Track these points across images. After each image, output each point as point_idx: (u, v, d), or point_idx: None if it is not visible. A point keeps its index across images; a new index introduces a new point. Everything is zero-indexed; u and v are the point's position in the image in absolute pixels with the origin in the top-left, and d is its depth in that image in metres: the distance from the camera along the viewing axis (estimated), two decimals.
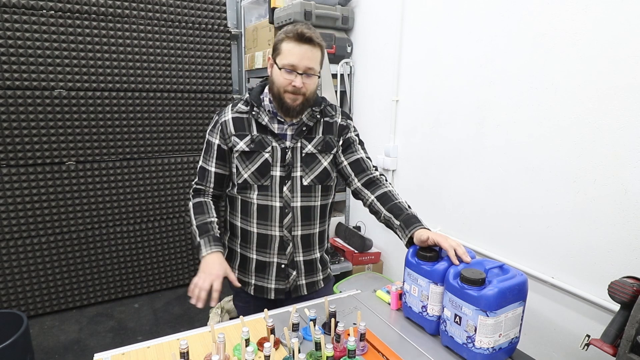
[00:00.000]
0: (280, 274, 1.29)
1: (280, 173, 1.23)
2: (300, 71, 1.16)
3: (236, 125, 1.25)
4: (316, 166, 1.27)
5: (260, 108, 1.24)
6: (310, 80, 1.19)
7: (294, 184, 1.25)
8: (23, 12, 2.26)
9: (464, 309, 0.92)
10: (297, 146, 1.25)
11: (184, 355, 0.84)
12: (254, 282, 1.32)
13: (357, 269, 2.61)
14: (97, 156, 2.59)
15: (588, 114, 1.42)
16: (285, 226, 1.26)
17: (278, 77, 1.18)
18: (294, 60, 1.15)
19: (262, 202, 1.24)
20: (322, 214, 1.32)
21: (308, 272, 1.33)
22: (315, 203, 1.29)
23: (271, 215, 1.25)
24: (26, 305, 2.53)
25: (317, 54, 1.19)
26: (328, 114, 1.32)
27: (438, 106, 2.08)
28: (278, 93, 1.19)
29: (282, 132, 1.25)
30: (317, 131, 1.28)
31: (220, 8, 2.81)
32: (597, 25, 1.37)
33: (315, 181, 1.27)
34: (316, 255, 1.34)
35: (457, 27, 1.93)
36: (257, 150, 1.23)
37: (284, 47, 1.17)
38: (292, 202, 1.25)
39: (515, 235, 1.72)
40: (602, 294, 1.38)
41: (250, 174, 1.23)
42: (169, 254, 2.95)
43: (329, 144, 1.29)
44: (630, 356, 0.85)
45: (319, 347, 0.89)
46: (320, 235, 1.34)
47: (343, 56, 2.69)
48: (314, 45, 1.16)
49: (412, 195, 2.33)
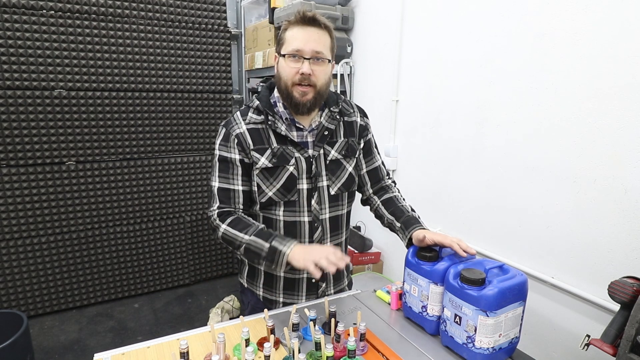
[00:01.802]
0: (311, 289, 1.23)
1: (307, 185, 1.13)
2: (307, 56, 1.04)
3: (254, 138, 1.11)
4: (342, 173, 1.18)
5: (275, 116, 1.12)
6: (319, 67, 1.06)
7: (321, 195, 1.15)
8: (23, 12, 2.26)
9: (464, 309, 0.92)
10: (321, 153, 1.14)
11: (184, 355, 0.84)
12: (282, 299, 1.22)
13: (357, 269, 2.61)
14: (97, 156, 2.59)
15: (588, 114, 1.42)
16: (315, 241, 1.17)
17: (283, 68, 1.07)
18: (299, 45, 1.03)
19: (289, 218, 1.14)
20: (348, 221, 1.27)
21: (336, 281, 1.28)
22: (342, 211, 1.22)
23: (300, 231, 1.15)
24: (26, 305, 2.53)
25: (324, 38, 1.07)
26: (346, 112, 1.21)
27: (438, 106, 2.08)
28: (285, 87, 1.08)
29: (303, 140, 1.14)
30: (339, 134, 1.18)
31: (220, 8, 2.82)
32: (597, 25, 1.37)
33: (343, 189, 1.18)
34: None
35: (457, 27, 1.93)
36: (280, 165, 1.11)
37: (287, 34, 1.06)
38: (320, 215, 1.16)
39: (515, 235, 1.72)
40: (602, 294, 1.38)
41: (276, 192, 1.12)
42: (169, 254, 2.95)
43: (352, 147, 1.20)
44: (630, 356, 0.85)
45: (319, 347, 0.89)
46: (346, 242, 1.29)
47: (343, 56, 2.69)
48: (320, 27, 1.05)
49: (412, 195, 2.33)
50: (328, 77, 1.11)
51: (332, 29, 1.11)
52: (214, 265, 3.16)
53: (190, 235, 3.00)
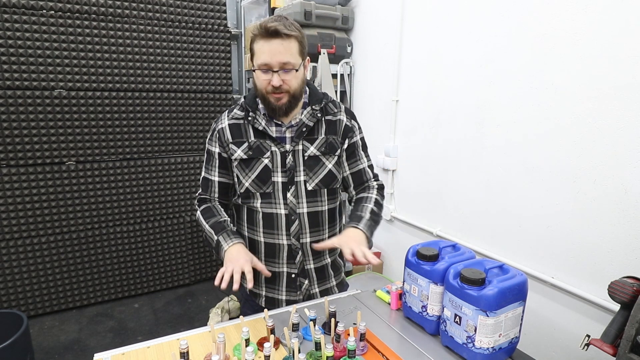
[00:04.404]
0: (291, 284, 1.25)
1: (282, 179, 1.18)
2: (275, 68, 1.08)
3: (233, 132, 1.20)
4: (320, 169, 1.21)
5: (256, 112, 1.19)
6: (289, 75, 1.11)
7: (298, 189, 1.19)
8: (23, 12, 2.26)
9: (464, 309, 0.92)
10: (299, 149, 1.19)
11: (184, 355, 0.84)
12: (265, 293, 1.27)
13: (357, 269, 2.61)
14: (97, 156, 2.59)
15: (588, 114, 1.42)
16: (292, 234, 1.20)
17: (258, 79, 1.13)
18: (266, 59, 1.08)
19: (266, 210, 1.20)
20: (331, 218, 1.27)
21: (320, 280, 1.28)
22: (322, 208, 1.23)
23: (277, 223, 1.20)
24: (26, 305, 2.53)
25: (290, 46, 1.09)
26: (330, 111, 1.24)
27: (438, 106, 2.08)
28: (262, 95, 1.15)
29: (281, 135, 1.19)
30: (319, 131, 1.21)
31: (220, 8, 2.81)
32: (597, 25, 1.37)
33: (321, 185, 1.21)
34: (327, 261, 1.29)
35: (457, 27, 1.93)
36: (255, 157, 1.18)
37: (255, 47, 1.11)
38: (297, 209, 1.20)
39: (515, 235, 1.72)
40: (602, 294, 1.38)
41: (251, 182, 1.19)
42: (169, 254, 2.95)
43: (333, 145, 1.22)
44: (630, 356, 0.85)
45: (319, 347, 0.89)
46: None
47: (343, 56, 2.69)
48: (283, 38, 1.07)
49: (412, 195, 2.34)
50: (301, 80, 1.15)
51: (299, 32, 1.12)
52: (214, 265, 3.15)
53: (190, 235, 3.00)
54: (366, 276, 2.52)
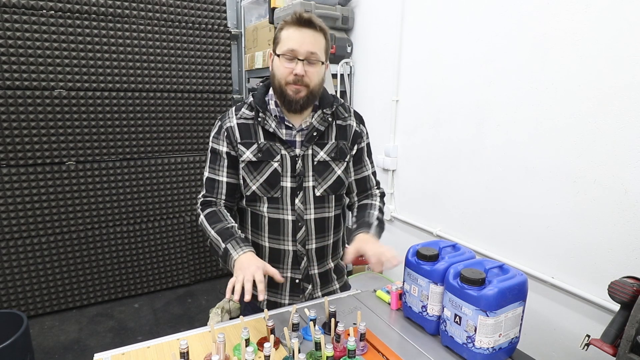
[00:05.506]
0: (294, 289, 1.23)
1: (291, 184, 1.15)
2: (301, 57, 1.06)
3: (242, 132, 1.15)
4: (329, 175, 1.18)
5: (266, 113, 1.14)
6: (313, 68, 1.08)
7: (306, 195, 1.16)
8: (23, 12, 2.26)
9: (464, 309, 0.92)
10: (308, 154, 1.15)
11: (184, 355, 0.84)
12: (268, 297, 1.25)
13: (357, 269, 2.61)
14: (97, 156, 2.59)
15: (588, 114, 1.42)
16: (298, 240, 1.18)
17: (278, 67, 1.09)
18: (294, 45, 1.05)
19: (273, 215, 1.16)
20: (337, 224, 1.25)
21: (324, 284, 1.27)
22: (329, 214, 1.21)
23: (283, 229, 1.17)
24: (26, 305, 2.53)
25: (319, 40, 1.08)
26: (341, 115, 1.22)
27: (438, 106, 2.08)
28: (279, 86, 1.10)
29: (291, 139, 1.16)
30: (330, 136, 1.18)
31: (220, 8, 2.82)
32: (597, 25, 1.37)
33: (329, 191, 1.18)
34: (330, 265, 1.27)
35: (457, 27, 1.93)
36: (265, 160, 1.13)
37: (283, 34, 1.08)
38: (305, 215, 1.17)
39: (515, 235, 1.72)
40: (602, 294, 1.38)
41: (259, 186, 1.14)
42: (169, 254, 2.95)
43: (343, 150, 1.19)
44: (630, 356, 0.85)
45: (319, 347, 0.89)
46: (335, 245, 1.27)
47: (343, 56, 2.69)
48: (315, 29, 1.07)
49: (412, 195, 2.33)
50: (321, 78, 1.13)
51: (328, 31, 1.12)
52: (214, 265, 3.16)
53: (190, 235, 3.00)
54: (366, 276, 2.52)
